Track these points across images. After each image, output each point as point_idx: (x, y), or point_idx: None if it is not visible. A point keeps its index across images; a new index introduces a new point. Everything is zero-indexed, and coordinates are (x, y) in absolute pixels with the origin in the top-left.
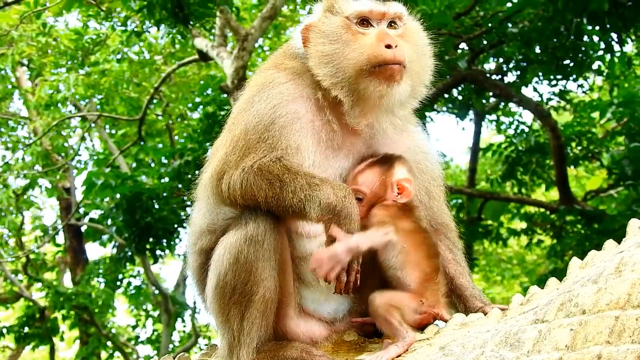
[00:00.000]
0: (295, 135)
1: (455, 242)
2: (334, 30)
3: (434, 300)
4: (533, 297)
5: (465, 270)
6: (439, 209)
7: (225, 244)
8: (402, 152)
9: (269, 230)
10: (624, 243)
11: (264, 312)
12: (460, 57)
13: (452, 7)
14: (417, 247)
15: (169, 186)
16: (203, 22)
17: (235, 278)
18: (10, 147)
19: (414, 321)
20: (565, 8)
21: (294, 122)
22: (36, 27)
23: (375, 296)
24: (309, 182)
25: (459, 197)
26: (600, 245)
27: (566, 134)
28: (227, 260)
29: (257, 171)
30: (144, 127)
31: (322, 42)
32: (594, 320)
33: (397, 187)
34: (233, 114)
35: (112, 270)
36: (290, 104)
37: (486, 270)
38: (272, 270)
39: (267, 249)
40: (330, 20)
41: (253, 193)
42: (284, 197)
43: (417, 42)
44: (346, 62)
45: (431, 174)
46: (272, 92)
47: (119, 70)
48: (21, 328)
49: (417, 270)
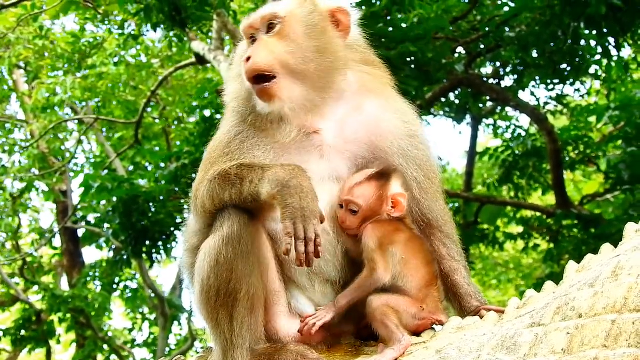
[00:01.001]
0: (253, 148)
1: (449, 235)
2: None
3: (434, 307)
4: (529, 300)
5: (461, 266)
6: (431, 201)
7: (205, 249)
8: (383, 142)
9: (243, 226)
10: (620, 247)
11: (252, 309)
12: (458, 61)
13: (450, 11)
14: (414, 254)
15: (165, 189)
16: (200, 25)
17: (218, 279)
18: (7, 150)
19: (412, 327)
20: (562, 12)
21: (250, 138)
22: (33, 30)
23: (373, 298)
24: (263, 168)
25: (455, 201)
26: (597, 250)
27: (563, 138)
28: (208, 264)
29: (219, 177)
30: (141, 131)
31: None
32: (590, 324)
33: (391, 202)
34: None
35: (108, 273)
36: (245, 123)
37: (483, 274)
38: (253, 266)
39: (244, 244)
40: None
41: (219, 196)
42: (243, 189)
43: (296, 31)
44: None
45: (418, 162)
46: (230, 112)
47: (116, 74)
48: (18, 331)
49: (417, 277)
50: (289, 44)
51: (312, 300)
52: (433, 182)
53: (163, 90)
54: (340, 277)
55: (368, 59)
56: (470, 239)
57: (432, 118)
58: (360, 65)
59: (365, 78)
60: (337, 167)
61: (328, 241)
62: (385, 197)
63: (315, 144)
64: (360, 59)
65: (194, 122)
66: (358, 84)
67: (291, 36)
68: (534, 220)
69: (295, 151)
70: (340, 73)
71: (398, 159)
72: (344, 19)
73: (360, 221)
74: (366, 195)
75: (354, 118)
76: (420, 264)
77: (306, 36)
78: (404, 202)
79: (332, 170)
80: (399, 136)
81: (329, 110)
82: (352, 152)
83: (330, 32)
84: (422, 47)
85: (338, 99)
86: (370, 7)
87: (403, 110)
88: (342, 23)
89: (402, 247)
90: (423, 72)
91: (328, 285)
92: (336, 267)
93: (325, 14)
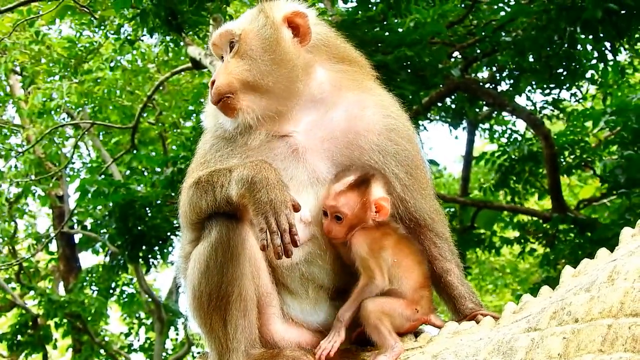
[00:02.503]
0: (229, 157)
1: (440, 234)
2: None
3: (428, 308)
4: (526, 305)
5: (453, 265)
6: (416, 198)
7: (194, 256)
8: (360, 140)
9: (232, 230)
10: (616, 251)
11: (245, 312)
12: (454, 65)
13: (446, 16)
14: (405, 256)
15: (162, 194)
16: (196, 30)
17: (209, 284)
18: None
19: (405, 328)
20: (558, 17)
21: (224, 148)
22: (29, 35)
23: (367, 302)
24: (230, 170)
25: (452, 205)
26: (594, 254)
27: (559, 143)
28: (199, 270)
29: (194, 185)
30: (137, 135)
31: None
32: (586, 329)
33: (375, 207)
34: None
35: (105, 278)
36: (221, 133)
37: (479, 278)
38: (244, 269)
39: (234, 247)
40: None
41: (198, 204)
42: (216, 195)
43: (252, 47)
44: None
45: (400, 156)
46: (209, 124)
47: (112, 79)
48: (14, 336)
49: (411, 279)
50: (246, 61)
51: (309, 309)
52: (417, 178)
53: (159, 95)
54: (332, 283)
55: (343, 55)
56: (466, 244)
57: (428, 123)
58: (333, 64)
59: (338, 76)
60: (315, 169)
61: (318, 247)
62: (369, 203)
63: (290, 146)
64: (333, 56)
65: (190, 126)
66: (331, 83)
67: (248, 53)
68: (530, 225)
69: (271, 157)
70: (302, 79)
71: (376, 155)
72: (302, 22)
73: (347, 229)
74: (351, 203)
75: (329, 117)
76: (412, 265)
77: (262, 50)
78: (388, 206)
79: (310, 172)
80: (375, 132)
81: (299, 114)
82: (330, 152)
83: (285, 41)
84: (418, 52)
85: (308, 102)
86: (367, 11)
87: (382, 104)
88: (301, 26)
89: (392, 250)
90: (419, 77)
91: (321, 290)
92: (328, 273)
93: (279, 23)
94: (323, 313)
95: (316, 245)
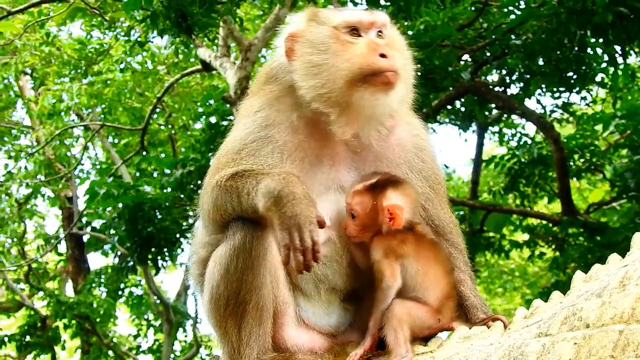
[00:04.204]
0: (267, 157)
1: (455, 244)
2: (322, 40)
3: (450, 318)
4: (537, 310)
5: (467, 276)
6: (436, 209)
7: (215, 257)
8: (390, 153)
9: (256, 238)
10: (628, 257)
11: (260, 320)
12: (464, 68)
13: (456, 19)
14: (432, 266)
15: (171, 196)
16: (206, 32)
17: (228, 289)
18: (13, 156)
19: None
20: (569, 20)
21: (265, 145)
22: (40, 36)
23: (396, 304)
24: (256, 177)
25: (461, 209)
26: (603, 258)
27: (569, 146)
28: (219, 272)
29: (220, 186)
30: (147, 137)
31: (310, 52)
32: (597, 334)
33: (387, 212)
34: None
35: (113, 279)
36: (263, 130)
37: (488, 282)
38: (264, 278)
39: (255, 257)
40: (318, 30)
41: (223, 206)
42: (242, 202)
43: (402, 49)
44: (337, 72)
45: (424, 173)
46: (246, 121)
47: (122, 80)
48: (23, 337)
49: (437, 289)
50: (398, 55)
51: (321, 312)
52: (438, 192)
53: (169, 97)
54: (345, 285)
55: None
56: (476, 247)
57: (438, 126)
58: None
59: None
60: (341, 177)
61: (334, 250)
62: (381, 206)
63: (333, 151)
64: None
65: (199, 128)
66: None
67: (397, 49)
68: (539, 228)
69: (313, 157)
70: None
71: (403, 169)
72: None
73: (359, 228)
74: (363, 203)
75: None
76: (439, 274)
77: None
78: (402, 214)
79: (338, 179)
80: (405, 148)
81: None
82: (359, 163)
83: None
84: (428, 55)
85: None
86: None
87: (410, 122)
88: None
89: (414, 258)
90: (429, 80)
91: (333, 292)
92: (342, 276)
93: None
94: (335, 315)
95: (332, 248)
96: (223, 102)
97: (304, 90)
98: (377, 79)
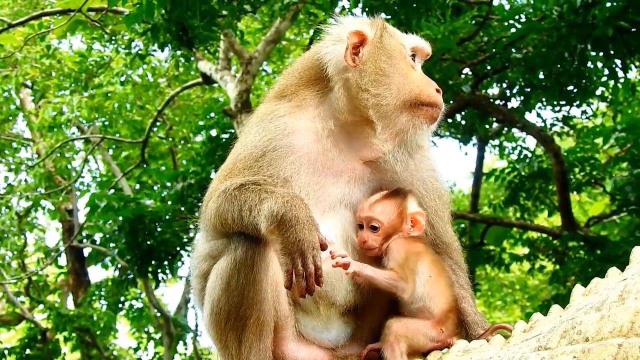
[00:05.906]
0: (287, 167)
1: (458, 263)
2: (395, 53)
3: (452, 331)
4: (536, 324)
5: (469, 294)
6: (443, 228)
7: (217, 271)
8: (408, 172)
9: (257, 253)
10: (627, 271)
11: (260, 335)
12: (464, 82)
13: (456, 32)
14: (440, 275)
15: (171, 209)
16: (207, 45)
17: (228, 303)
18: (14, 168)
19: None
20: (569, 34)
21: (287, 155)
22: (40, 49)
23: (393, 321)
24: (260, 197)
25: (461, 222)
26: (603, 272)
27: (569, 160)
28: (220, 287)
29: (227, 194)
30: (147, 150)
31: (385, 60)
32: (596, 348)
33: (411, 220)
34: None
35: (114, 292)
36: (286, 138)
37: (488, 295)
38: (265, 293)
39: (257, 272)
40: (391, 42)
41: (224, 216)
42: (243, 216)
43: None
44: (402, 89)
45: (437, 192)
46: (269, 126)
47: (123, 93)
48: (23, 350)
49: (443, 299)
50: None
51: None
52: (445, 213)
53: (169, 110)
54: (346, 301)
55: None
56: (476, 260)
57: (438, 139)
58: None
59: None
60: (354, 194)
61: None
62: (405, 214)
63: (353, 166)
64: None
65: (200, 141)
66: None
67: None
68: (539, 242)
69: (332, 169)
70: None
71: (421, 190)
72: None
73: (382, 238)
74: (387, 211)
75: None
76: (445, 285)
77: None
78: (423, 221)
79: (347, 195)
80: (420, 168)
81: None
82: (372, 182)
83: None
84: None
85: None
86: None
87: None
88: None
89: (429, 266)
90: None
91: (333, 308)
92: (341, 291)
93: None
94: (335, 329)
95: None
96: (224, 115)
97: (367, 95)
98: (429, 111)
